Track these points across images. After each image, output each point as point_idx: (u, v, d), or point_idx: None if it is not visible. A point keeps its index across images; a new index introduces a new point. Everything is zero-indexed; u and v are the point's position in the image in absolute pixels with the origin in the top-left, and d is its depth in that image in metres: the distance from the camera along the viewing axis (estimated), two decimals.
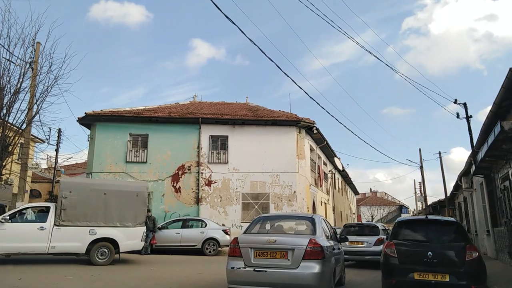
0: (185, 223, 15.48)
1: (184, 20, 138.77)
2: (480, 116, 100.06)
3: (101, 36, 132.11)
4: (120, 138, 18.95)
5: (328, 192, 27.21)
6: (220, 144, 19.56)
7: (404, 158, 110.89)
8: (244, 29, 9.06)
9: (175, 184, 18.69)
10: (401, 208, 76.68)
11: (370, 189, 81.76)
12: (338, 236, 8.37)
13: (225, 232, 15.27)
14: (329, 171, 28.36)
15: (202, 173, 18.89)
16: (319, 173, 23.82)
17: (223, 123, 19.44)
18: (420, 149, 37.74)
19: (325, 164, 26.84)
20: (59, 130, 26.99)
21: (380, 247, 10.49)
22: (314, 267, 5.66)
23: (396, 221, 7.62)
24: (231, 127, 19.47)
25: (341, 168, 27.39)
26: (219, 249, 15.27)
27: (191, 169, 18.91)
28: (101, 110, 19.04)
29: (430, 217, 7.62)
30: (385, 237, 11.09)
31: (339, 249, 7.59)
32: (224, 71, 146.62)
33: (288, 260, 5.72)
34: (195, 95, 23.57)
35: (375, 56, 14.21)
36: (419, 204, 55.31)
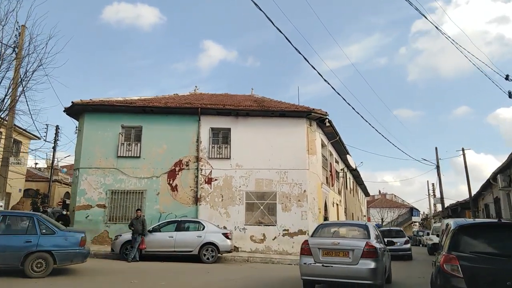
0: (180, 225, 13.51)
1: (197, 21, 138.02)
2: (490, 119, 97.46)
3: (112, 38, 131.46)
4: (111, 130, 17.07)
5: (339, 193, 25.13)
6: (221, 138, 17.60)
7: (415, 159, 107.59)
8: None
9: (171, 182, 16.77)
10: (412, 210, 74.62)
11: (379, 191, 79.66)
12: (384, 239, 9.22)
13: (226, 236, 13.29)
14: (341, 169, 26.27)
15: (201, 170, 16.94)
16: (331, 171, 21.76)
17: (225, 114, 17.49)
18: (436, 148, 36.03)
19: (336, 162, 24.77)
20: (57, 127, 25.35)
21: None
22: (370, 264, 7.02)
23: (456, 224, 5.56)
24: (234, 119, 17.51)
25: (354, 166, 25.35)
26: (219, 255, 13.30)
27: (189, 165, 16.97)
28: (90, 100, 17.20)
29: (504, 220, 5.56)
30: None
31: (387, 250, 8.88)
32: (234, 73, 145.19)
33: (349, 258, 7.15)
34: (196, 87, 21.65)
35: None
36: (434, 206, 52.92)
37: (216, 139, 17.57)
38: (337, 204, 23.31)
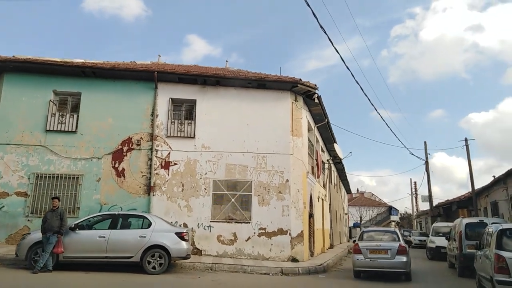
0: (116, 221, 9.79)
1: (181, 15, 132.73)
2: (463, 123, 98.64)
3: (94, 28, 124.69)
4: (39, 97, 13.16)
5: (324, 186, 21.90)
6: (184, 112, 13.98)
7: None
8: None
9: (117, 165, 13.03)
10: (391, 209, 73.40)
11: (358, 190, 78.16)
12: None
13: (181, 236, 9.70)
14: (327, 160, 23.05)
15: (157, 151, 13.28)
16: (317, 161, 18.45)
17: (190, 82, 13.85)
18: (425, 142, 33.03)
19: (322, 151, 21.51)
20: None
21: None
22: (403, 258, 10.39)
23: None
24: (200, 88, 13.90)
25: (342, 157, 22.25)
26: (172, 262, 9.74)
27: (141, 145, 13.27)
28: (13, 56, 13.20)
29: None
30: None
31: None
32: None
33: (388, 255, 10.44)
34: (159, 55, 17.79)
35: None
36: (416, 204, 50.82)
37: (177, 113, 13.93)
38: (322, 199, 20.06)
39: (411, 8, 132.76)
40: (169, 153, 13.33)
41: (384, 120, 77.40)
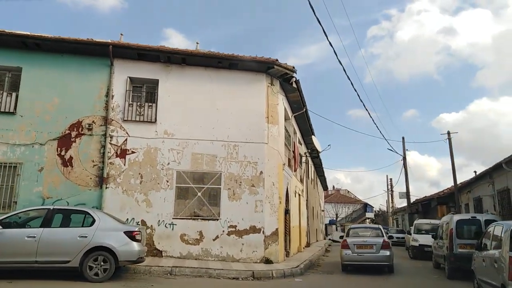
0: (51, 217, 8.02)
1: (159, 8, 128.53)
2: (434, 123, 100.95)
3: (68, 19, 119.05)
4: None
5: (302, 181, 20.60)
6: (145, 93, 12.27)
7: (365, 160, 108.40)
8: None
9: (63, 153, 11.20)
10: (366, 206, 73.54)
11: (333, 187, 77.96)
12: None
13: (131, 236, 8.05)
14: (304, 153, 21.75)
15: (111, 137, 11.53)
16: (294, 153, 17.07)
17: (152, 60, 12.14)
18: (403, 138, 32.41)
19: (300, 143, 20.19)
20: None
21: None
22: (386, 252, 11.38)
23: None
24: (164, 67, 12.22)
25: (320, 149, 20.98)
26: (121, 266, 8.11)
27: (93, 129, 11.48)
28: None
29: None
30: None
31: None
32: None
33: (373, 249, 11.37)
34: (121, 34, 15.87)
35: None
36: (392, 201, 50.56)
37: (137, 95, 12.21)
38: (299, 194, 18.75)
39: (388, 10, 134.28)
40: (126, 139, 11.60)
41: (367, 109, 76.75)
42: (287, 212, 14.26)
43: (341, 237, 15.26)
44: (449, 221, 11.07)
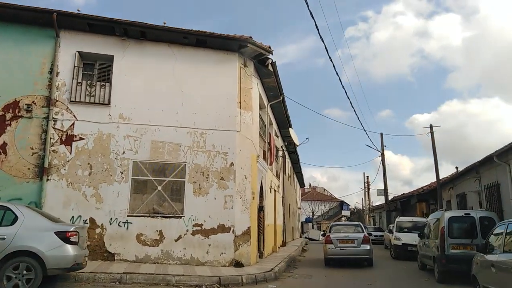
0: None
1: (131, 2, 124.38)
2: (408, 123, 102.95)
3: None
4: None
5: (278, 176, 19.29)
6: (97, 71, 10.60)
7: (341, 158, 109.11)
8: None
9: None
10: (342, 204, 73.56)
11: (310, 184, 77.37)
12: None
13: (64, 238, 6.43)
14: (281, 146, 20.43)
15: (55, 120, 9.83)
16: (270, 145, 15.70)
17: (106, 32, 10.47)
18: (381, 134, 31.67)
19: (276, 136, 18.85)
20: None
21: None
22: (367, 246, 12.33)
23: None
24: (120, 41, 10.58)
25: (297, 143, 19.74)
26: (50, 275, 6.49)
27: (32, 111, 9.74)
28: None
29: None
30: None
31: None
32: None
33: (355, 243, 12.28)
34: (78, 10, 14.00)
35: None
36: (369, 199, 50.15)
37: (88, 73, 10.53)
38: (275, 190, 17.41)
39: (364, 11, 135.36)
40: (73, 124, 9.91)
41: (351, 103, 75.98)
42: (261, 209, 12.90)
43: (323, 234, 16.12)
44: (439, 219, 9.95)
